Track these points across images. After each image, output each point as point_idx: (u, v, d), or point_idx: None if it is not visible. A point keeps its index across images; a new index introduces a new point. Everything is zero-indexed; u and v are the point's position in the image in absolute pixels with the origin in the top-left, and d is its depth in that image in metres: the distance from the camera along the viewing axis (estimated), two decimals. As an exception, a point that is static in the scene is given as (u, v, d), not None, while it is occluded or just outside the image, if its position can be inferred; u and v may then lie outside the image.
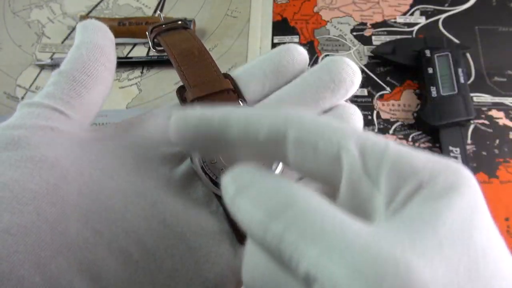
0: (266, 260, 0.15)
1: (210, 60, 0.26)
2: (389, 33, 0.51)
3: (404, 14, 0.52)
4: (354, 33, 0.51)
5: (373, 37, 0.51)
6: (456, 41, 0.49)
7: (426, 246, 0.12)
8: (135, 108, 0.48)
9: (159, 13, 0.30)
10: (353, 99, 0.47)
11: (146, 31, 0.29)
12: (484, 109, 0.45)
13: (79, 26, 0.25)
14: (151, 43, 0.28)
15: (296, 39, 0.51)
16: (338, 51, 0.50)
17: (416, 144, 0.44)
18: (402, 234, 0.13)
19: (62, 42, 0.53)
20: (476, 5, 0.52)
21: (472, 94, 0.45)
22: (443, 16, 0.51)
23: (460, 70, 0.44)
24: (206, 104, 0.25)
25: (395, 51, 0.48)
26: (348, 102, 0.27)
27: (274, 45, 0.51)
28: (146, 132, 0.24)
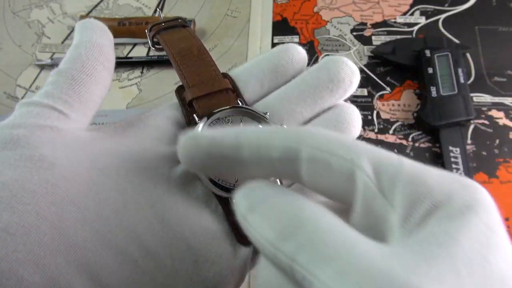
0: (279, 277, 0.15)
1: (209, 59, 0.26)
2: (389, 33, 0.51)
3: (404, 14, 0.52)
4: (354, 33, 0.51)
5: (373, 37, 0.51)
6: (456, 41, 0.49)
7: (442, 272, 0.12)
8: (135, 108, 0.48)
9: (158, 11, 0.30)
10: (353, 99, 0.47)
11: (146, 30, 0.29)
12: (484, 109, 0.45)
13: (78, 26, 0.25)
14: (150, 42, 0.28)
15: (296, 39, 0.51)
16: (338, 51, 0.50)
17: (416, 144, 0.44)
18: (418, 258, 0.12)
19: (62, 42, 0.53)
20: (476, 5, 0.52)
21: (472, 94, 0.45)
22: (443, 16, 0.51)
23: (460, 70, 0.44)
24: (205, 104, 0.25)
25: (395, 51, 0.48)
26: (348, 102, 0.27)
27: (274, 45, 0.50)
28: (145, 132, 0.24)
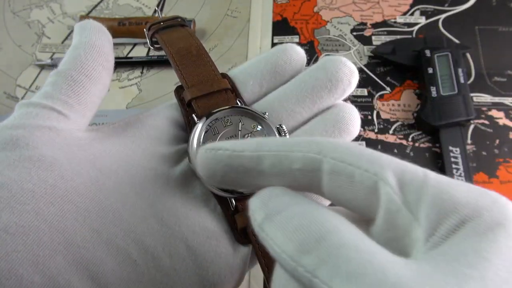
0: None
1: (208, 59, 0.26)
2: (389, 33, 0.51)
3: (404, 14, 0.52)
4: (354, 33, 0.51)
5: (373, 37, 0.51)
6: (456, 41, 0.49)
7: None
8: (135, 108, 0.48)
9: (157, 11, 0.30)
10: (353, 99, 0.47)
11: (144, 29, 0.29)
12: (484, 109, 0.45)
13: (77, 27, 0.25)
14: (149, 41, 0.28)
15: (296, 39, 0.51)
16: (338, 51, 0.50)
17: (416, 144, 0.44)
18: (449, 280, 0.12)
19: (62, 42, 0.53)
20: (476, 5, 0.52)
21: (472, 94, 0.45)
22: (443, 16, 0.51)
23: (460, 70, 0.44)
24: (204, 104, 0.25)
25: (395, 51, 0.48)
26: (348, 102, 0.27)
27: (274, 45, 0.50)
28: (144, 132, 0.24)
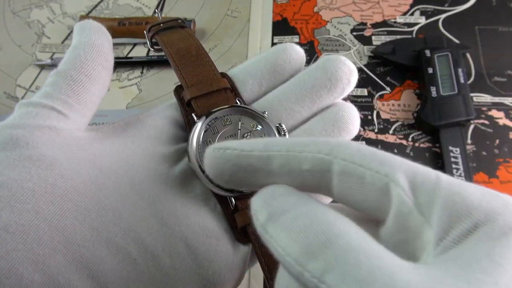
0: None
1: (208, 59, 0.27)
2: (389, 33, 0.51)
3: (404, 14, 0.52)
4: (354, 33, 0.51)
5: (373, 37, 0.51)
6: (456, 41, 0.49)
7: None
8: (135, 108, 0.48)
9: (157, 11, 0.30)
10: (353, 99, 0.47)
11: (144, 31, 0.29)
12: (484, 109, 0.45)
13: (77, 27, 0.25)
14: (149, 42, 0.28)
15: (296, 39, 0.51)
16: (338, 51, 0.50)
17: (416, 144, 0.44)
18: (459, 283, 0.12)
19: (62, 42, 0.53)
20: (476, 5, 0.52)
21: (472, 94, 0.45)
22: (443, 16, 0.51)
23: (460, 70, 0.44)
24: (203, 103, 0.25)
25: (395, 51, 0.48)
26: (348, 102, 0.27)
27: (274, 45, 0.51)
28: (144, 132, 0.24)
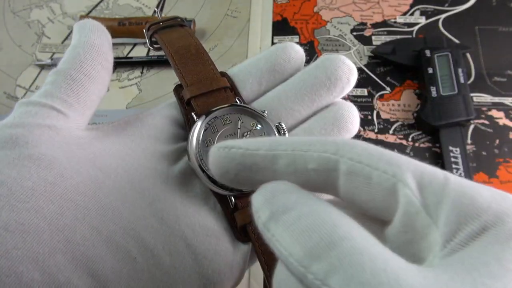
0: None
1: (207, 58, 0.27)
2: (389, 33, 0.51)
3: (404, 14, 0.52)
4: (354, 33, 0.51)
5: (373, 37, 0.51)
6: (456, 41, 0.49)
7: None
8: (135, 108, 0.48)
9: (157, 11, 0.30)
10: (353, 99, 0.47)
11: (144, 30, 0.29)
12: (484, 109, 0.45)
13: (76, 26, 0.25)
14: (148, 41, 0.28)
15: (296, 39, 0.51)
16: (338, 51, 0.50)
17: (416, 144, 0.44)
18: None
19: (62, 42, 0.53)
20: (476, 5, 0.52)
21: (472, 94, 0.45)
22: (443, 16, 0.51)
23: (460, 70, 0.44)
24: (203, 102, 0.25)
25: (395, 51, 0.48)
26: (348, 101, 0.27)
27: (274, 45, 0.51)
28: (144, 131, 0.24)
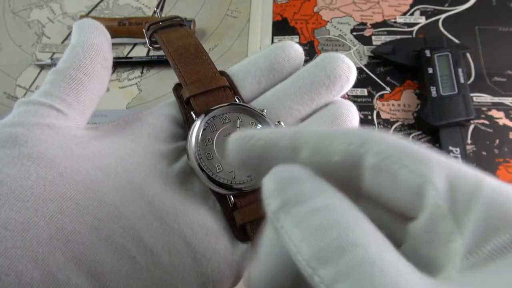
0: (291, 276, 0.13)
1: (207, 57, 0.27)
2: (389, 33, 0.51)
3: (404, 14, 0.52)
4: (354, 33, 0.51)
5: (373, 37, 0.51)
6: (456, 41, 0.49)
7: None
8: (135, 108, 0.48)
9: (156, 11, 0.30)
10: (353, 99, 0.47)
11: (143, 29, 0.29)
12: (484, 109, 0.45)
13: (75, 26, 0.25)
14: (148, 41, 0.28)
15: (296, 39, 0.51)
16: (338, 51, 0.50)
17: (416, 144, 0.44)
18: None
19: (62, 42, 0.53)
20: (476, 5, 0.52)
21: (472, 94, 0.45)
22: (443, 16, 0.51)
23: (460, 70, 0.44)
24: (202, 101, 0.25)
25: (395, 51, 0.48)
26: (347, 100, 0.27)
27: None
28: (143, 130, 0.24)
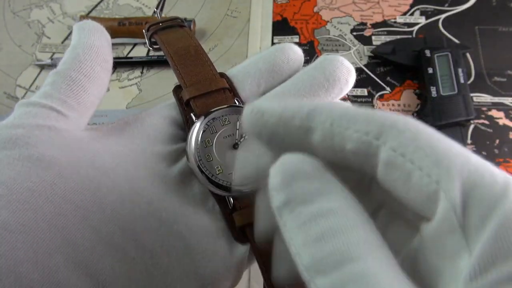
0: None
1: (206, 59, 0.27)
2: (389, 33, 0.51)
3: (404, 14, 0.52)
4: (354, 33, 0.51)
5: (373, 37, 0.51)
6: (456, 41, 0.49)
7: None
8: (135, 108, 0.48)
9: (156, 12, 0.30)
10: (353, 99, 0.47)
11: (143, 30, 0.29)
12: (484, 109, 0.45)
13: (76, 27, 0.25)
14: (148, 42, 0.29)
15: (296, 39, 0.51)
16: (338, 51, 0.50)
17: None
18: None
19: (62, 42, 0.53)
20: (476, 5, 0.52)
21: (472, 94, 0.45)
22: (443, 16, 0.51)
23: (460, 70, 0.44)
24: (202, 103, 0.25)
25: (395, 51, 0.48)
26: (347, 102, 0.27)
27: (273, 45, 0.51)
28: (143, 131, 0.24)
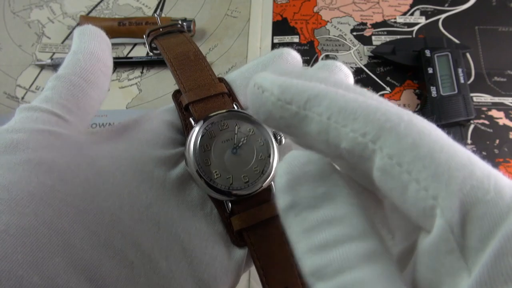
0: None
1: (206, 64, 0.27)
2: (389, 33, 0.51)
3: (404, 14, 0.52)
4: (354, 33, 0.51)
5: (373, 37, 0.51)
6: (456, 41, 0.49)
7: None
8: (135, 108, 0.48)
9: (156, 15, 0.30)
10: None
11: (144, 35, 0.29)
12: (484, 109, 0.45)
13: (76, 32, 0.26)
14: (148, 47, 0.29)
15: (296, 39, 0.51)
16: (338, 51, 0.50)
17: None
18: None
19: (62, 42, 0.53)
20: (476, 5, 0.52)
21: (472, 94, 0.45)
22: (443, 16, 0.51)
23: (460, 70, 0.44)
24: (201, 108, 0.25)
25: (395, 51, 0.48)
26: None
27: (274, 45, 0.51)
28: (142, 135, 0.25)
